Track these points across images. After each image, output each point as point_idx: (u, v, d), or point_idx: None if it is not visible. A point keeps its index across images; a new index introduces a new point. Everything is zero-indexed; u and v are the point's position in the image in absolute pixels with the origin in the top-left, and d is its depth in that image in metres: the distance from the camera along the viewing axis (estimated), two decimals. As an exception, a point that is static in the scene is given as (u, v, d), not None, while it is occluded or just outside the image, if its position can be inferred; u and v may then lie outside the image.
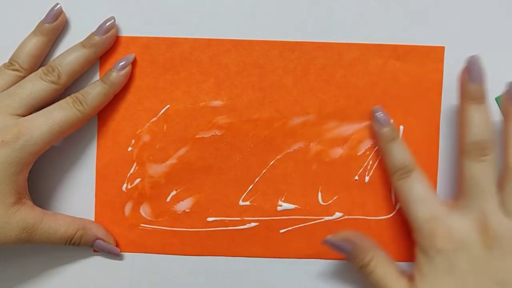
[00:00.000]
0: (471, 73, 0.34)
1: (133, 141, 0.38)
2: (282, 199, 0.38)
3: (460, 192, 0.34)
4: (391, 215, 0.38)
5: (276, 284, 0.38)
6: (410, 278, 0.34)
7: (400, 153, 0.35)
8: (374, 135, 0.37)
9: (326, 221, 0.38)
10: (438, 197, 0.35)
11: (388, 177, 0.37)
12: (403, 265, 0.38)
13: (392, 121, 0.37)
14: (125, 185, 0.38)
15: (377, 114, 0.36)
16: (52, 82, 0.35)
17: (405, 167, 0.35)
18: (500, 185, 0.33)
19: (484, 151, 0.33)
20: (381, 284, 0.34)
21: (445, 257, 0.33)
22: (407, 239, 0.38)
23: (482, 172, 0.33)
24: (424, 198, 0.34)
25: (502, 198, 0.33)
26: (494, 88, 0.38)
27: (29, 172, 0.35)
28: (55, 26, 0.37)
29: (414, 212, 0.34)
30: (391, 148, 0.36)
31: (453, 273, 0.33)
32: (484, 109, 0.34)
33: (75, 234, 0.36)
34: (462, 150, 0.34)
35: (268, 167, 0.38)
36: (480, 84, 0.34)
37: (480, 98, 0.34)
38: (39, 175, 0.38)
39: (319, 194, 0.38)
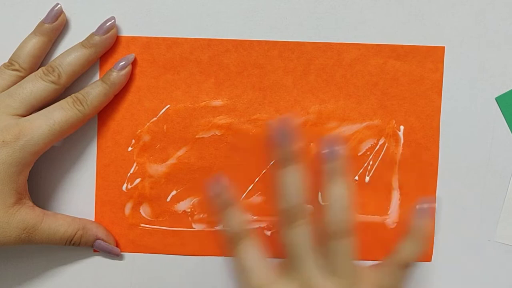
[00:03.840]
0: (275, 138, 0.33)
1: (133, 141, 0.38)
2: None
3: (285, 257, 0.34)
4: (390, 214, 0.38)
5: (276, 284, 0.38)
6: None
7: (234, 219, 0.34)
8: (380, 134, 0.37)
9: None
10: (268, 264, 0.34)
11: (388, 177, 0.37)
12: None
13: (227, 186, 0.34)
14: (125, 185, 0.38)
15: (212, 183, 0.34)
16: (52, 82, 0.35)
17: (239, 233, 0.34)
18: (318, 247, 0.33)
19: (295, 216, 0.32)
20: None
21: None
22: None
23: (297, 239, 0.32)
24: (254, 266, 0.33)
25: (322, 259, 0.33)
26: (494, 88, 0.38)
27: (29, 172, 0.35)
28: (55, 26, 0.37)
29: (246, 280, 0.34)
30: (226, 214, 0.34)
31: None
32: (295, 171, 0.32)
33: (75, 234, 0.36)
34: (278, 217, 0.33)
35: (268, 167, 0.38)
36: (285, 146, 0.32)
37: (288, 161, 0.32)
38: (39, 175, 0.38)
39: (319, 194, 0.38)
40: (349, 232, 0.32)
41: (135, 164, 0.38)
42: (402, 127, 0.38)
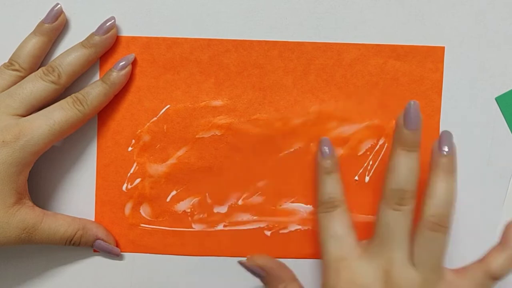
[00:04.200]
0: (407, 119, 0.32)
1: (133, 141, 0.38)
2: (282, 199, 0.38)
3: (373, 236, 0.34)
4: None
5: (276, 284, 0.38)
6: None
7: (331, 187, 0.35)
8: (380, 134, 0.37)
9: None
10: (355, 239, 0.34)
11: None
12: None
13: (335, 154, 0.36)
14: (125, 185, 0.38)
15: (323, 147, 0.36)
16: (52, 82, 0.35)
17: (332, 201, 0.34)
18: (412, 236, 0.33)
19: (402, 200, 0.32)
20: None
21: None
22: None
23: (396, 221, 0.32)
24: (340, 236, 0.34)
25: (412, 249, 0.33)
26: (494, 88, 0.38)
27: (29, 172, 0.35)
28: (55, 26, 0.37)
29: (326, 248, 0.34)
30: (325, 180, 0.35)
31: None
32: (413, 158, 0.32)
33: (75, 234, 0.36)
34: (382, 195, 0.33)
35: (268, 167, 0.38)
36: (414, 131, 0.32)
37: (411, 146, 0.32)
38: (39, 175, 0.38)
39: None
40: (446, 227, 0.32)
41: (135, 164, 0.38)
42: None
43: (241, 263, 0.36)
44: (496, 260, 0.33)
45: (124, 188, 0.38)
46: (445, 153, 0.33)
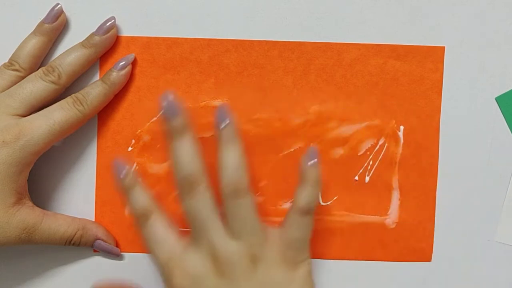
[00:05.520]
0: (165, 111, 0.33)
1: (133, 141, 0.38)
2: (282, 199, 0.38)
3: (189, 227, 0.34)
4: (390, 214, 0.38)
5: (276, 284, 0.38)
6: None
7: (139, 199, 0.34)
8: (380, 134, 0.37)
9: (326, 221, 0.38)
10: (176, 237, 0.34)
11: (388, 177, 0.37)
12: (405, 265, 0.38)
13: (130, 168, 0.34)
14: (125, 185, 0.38)
15: (117, 165, 0.34)
16: (52, 82, 0.35)
17: (144, 213, 0.34)
18: (219, 209, 0.33)
19: (193, 184, 0.32)
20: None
21: None
22: (407, 239, 0.38)
23: (198, 205, 0.33)
24: (162, 239, 0.34)
25: (225, 222, 0.33)
26: (494, 88, 0.38)
27: (29, 172, 0.35)
28: (55, 26, 0.37)
29: (155, 255, 0.34)
30: (131, 196, 0.34)
31: None
32: (186, 141, 0.33)
33: (75, 234, 0.36)
34: (176, 188, 0.33)
35: (268, 167, 0.38)
36: (176, 118, 0.33)
37: (179, 131, 0.33)
38: (39, 175, 0.38)
39: (319, 194, 0.38)
40: (245, 191, 0.32)
41: (135, 164, 0.38)
42: (402, 127, 0.38)
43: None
44: (302, 196, 0.33)
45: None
46: (222, 126, 0.33)
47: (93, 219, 0.38)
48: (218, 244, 0.33)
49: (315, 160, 0.34)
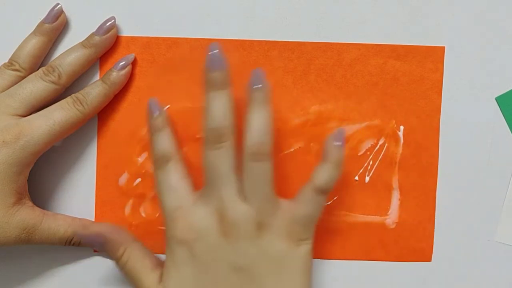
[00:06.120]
0: (209, 61, 0.33)
1: (133, 141, 0.38)
2: (282, 199, 0.38)
3: (204, 180, 0.34)
4: (390, 214, 0.38)
5: (276, 284, 0.38)
6: None
7: (162, 143, 0.35)
8: (380, 134, 0.37)
9: (326, 221, 0.38)
10: (189, 188, 0.34)
11: (388, 177, 0.38)
12: (405, 265, 0.38)
13: (164, 110, 0.36)
14: (125, 185, 0.38)
15: (150, 108, 0.35)
16: (53, 82, 0.35)
17: (164, 156, 0.34)
18: (238, 171, 0.33)
19: (220, 137, 0.33)
20: (133, 277, 0.35)
21: (185, 248, 0.33)
22: (407, 239, 0.38)
23: (219, 159, 0.33)
24: (175, 188, 0.34)
25: (240, 183, 0.33)
26: (494, 88, 0.38)
27: (29, 172, 0.35)
28: (55, 26, 0.37)
29: (163, 200, 0.34)
30: (156, 137, 0.35)
31: (193, 263, 0.33)
32: (223, 95, 0.33)
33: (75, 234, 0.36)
34: (203, 138, 0.34)
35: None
36: (218, 71, 0.33)
37: (219, 85, 0.33)
38: (39, 175, 0.38)
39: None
40: (267, 155, 0.33)
41: (135, 164, 0.38)
42: (402, 127, 0.38)
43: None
44: (320, 174, 0.33)
45: (124, 188, 0.38)
46: (256, 87, 0.33)
47: (93, 219, 0.38)
48: (228, 203, 0.33)
49: (341, 142, 0.33)
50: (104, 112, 0.38)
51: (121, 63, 0.37)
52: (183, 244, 0.33)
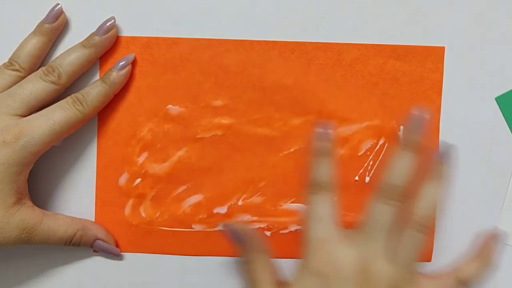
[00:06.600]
0: (412, 123, 0.34)
1: (133, 141, 0.38)
2: (282, 199, 0.38)
3: (360, 223, 0.34)
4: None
5: (276, 284, 0.38)
6: None
7: (323, 169, 0.35)
8: (380, 134, 0.38)
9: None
10: (337, 223, 0.34)
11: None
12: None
13: (332, 136, 0.35)
14: (125, 185, 0.38)
15: (318, 129, 0.36)
16: (52, 82, 0.35)
17: (321, 183, 0.34)
18: (398, 231, 0.34)
19: (393, 195, 0.33)
20: (254, 286, 0.35)
21: (319, 281, 0.33)
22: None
23: (382, 214, 0.33)
24: (324, 219, 0.34)
25: (394, 244, 0.33)
26: (494, 88, 0.38)
27: (29, 172, 0.35)
28: (55, 26, 0.37)
29: (309, 228, 0.34)
30: (318, 162, 0.35)
31: None
32: (411, 157, 0.34)
33: (75, 234, 0.36)
34: (378, 188, 0.34)
35: (268, 167, 0.38)
36: (415, 135, 0.34)
37: (411, 146, 0.34)
38: (39, 175, 0.38)
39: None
40: (428, 230, 0.33)
41: (135, 164, 0.38)
42: (402, 127, 0.38)
43: (226, 224, 0.36)
44: (470, 267, 0.35)
45: (124, 188, 0.38)
46: (444, 162, 0.35)
47: (93, 219, 0.38)
48: (376, 256, 0.33)
49: (500, 242, 0.36)
50: (104, 112, 0.38)
51: (121, 63, 0.37)
52: (318, 276, 0.33)
